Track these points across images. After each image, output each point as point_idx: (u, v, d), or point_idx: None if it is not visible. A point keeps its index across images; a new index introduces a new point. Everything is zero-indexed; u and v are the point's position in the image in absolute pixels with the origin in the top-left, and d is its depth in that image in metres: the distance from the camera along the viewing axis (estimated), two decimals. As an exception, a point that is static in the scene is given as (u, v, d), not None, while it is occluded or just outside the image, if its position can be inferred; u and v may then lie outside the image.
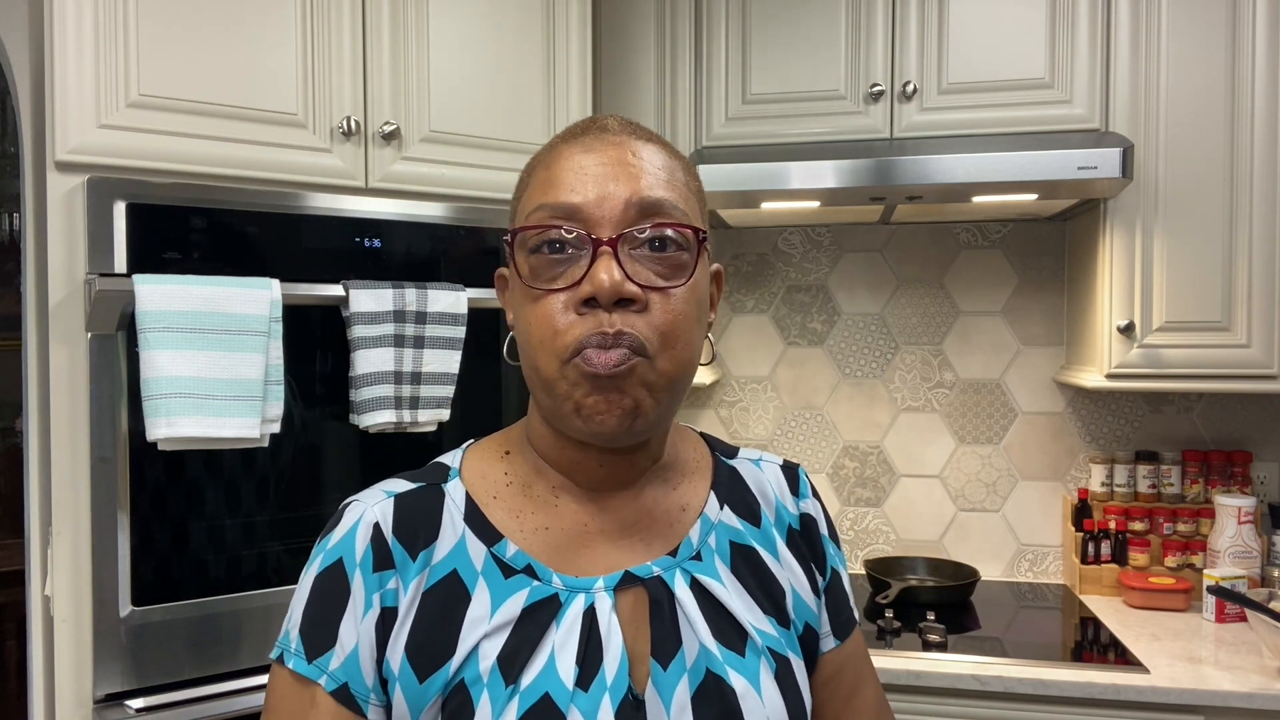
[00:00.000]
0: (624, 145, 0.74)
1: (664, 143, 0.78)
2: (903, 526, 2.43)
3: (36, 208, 1.45)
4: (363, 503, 0.77)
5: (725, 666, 0.75)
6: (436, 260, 1.67)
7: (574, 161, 0.73)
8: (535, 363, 0.73)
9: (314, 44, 1.57)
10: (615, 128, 0.76)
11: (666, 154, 0.76)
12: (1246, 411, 2.25)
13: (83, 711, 1.37)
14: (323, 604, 0.74)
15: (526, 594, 0.73)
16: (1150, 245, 1.96)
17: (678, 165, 0.76)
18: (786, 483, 0.88)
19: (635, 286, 0.70)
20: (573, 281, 0.71)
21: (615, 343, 0.69)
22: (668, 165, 0.75)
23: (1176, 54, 1.94)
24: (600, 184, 0.72)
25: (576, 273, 0.71)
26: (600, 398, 0.70)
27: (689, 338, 0.73)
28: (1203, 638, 1.93)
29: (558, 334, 0.70)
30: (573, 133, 0.76)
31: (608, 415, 0.70)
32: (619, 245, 0.70)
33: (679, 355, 0.72)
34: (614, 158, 0.73)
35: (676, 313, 0.72)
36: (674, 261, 0.72)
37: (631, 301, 0.70)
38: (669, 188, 0.73)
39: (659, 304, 0.71)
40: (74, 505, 1.37)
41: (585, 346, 0.69)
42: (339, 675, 0.72)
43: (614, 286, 0.69)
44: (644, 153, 0.74)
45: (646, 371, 0.70)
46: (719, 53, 2.16)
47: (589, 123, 0.77)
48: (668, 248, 0.72)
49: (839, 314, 2.46)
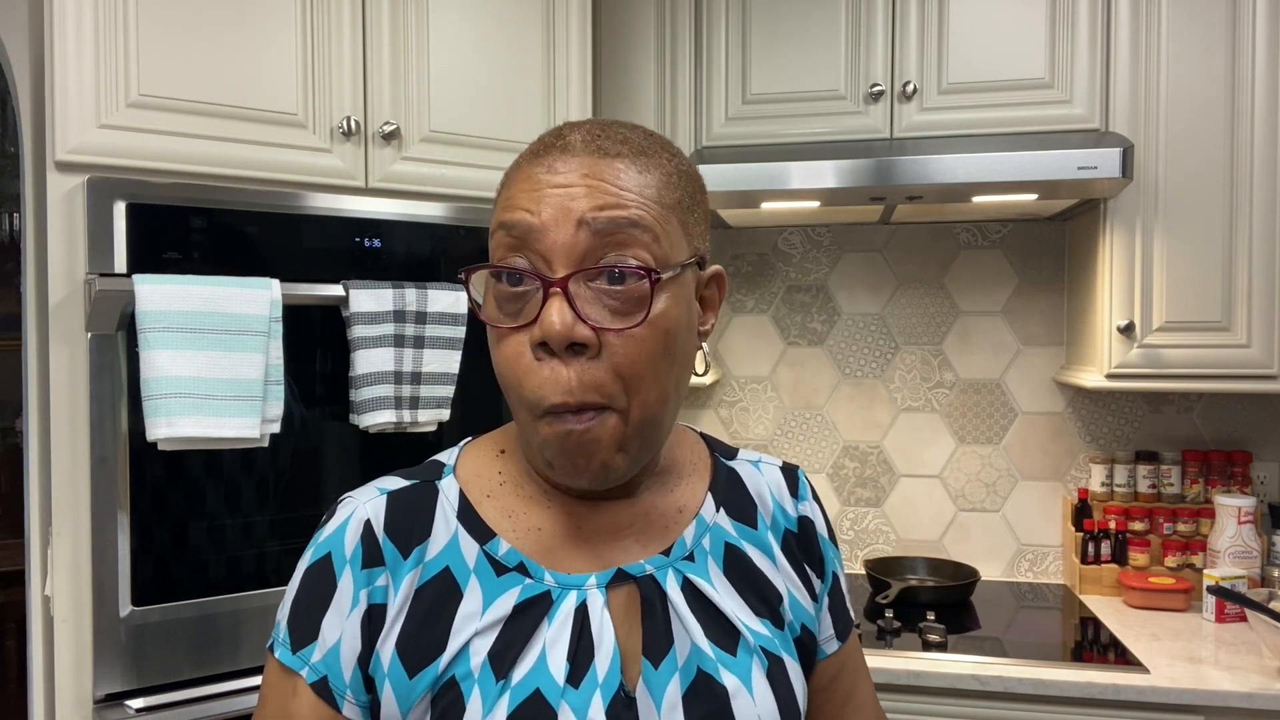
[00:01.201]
0: (585, 165, 0.70)
1: (640, 153, 0.72)
2: (903, 526, 2.43)
3: (36, 208, 1.45)
4: (356, 499, 0.77)
5: (717, 665, 0.75)
6: (436, 260, 1.68)
7: (531, 181, 0.70)
8: (510, 400, 0.73)
9: (314, 44, 1.57)
10: (579, 146, 0.71)
11: (638, 168, 0.71)
12: (1246, 411, 2.25)
13: (83, 711, 1.37)
14: (309, 597, 0.74)
15: (518, 591, 0.74)
16: (1150, 245, 1.96)
17: (653, 180, 0.71)
18: (786, 485, 0.87)
19: (587, 330, 0.68)
20: (529, 319, 0.69)
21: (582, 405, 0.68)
22: (637, 183, 0.70)
23: (1176, 54, 1.94)
24: (553, 203, 0.69)
25: (532, 310, 0.69)
26: (567, 461, 0.70)
27: (655, 377, 0.70)
28: (1203, 638, 1.93)
29: (521, 382, 0.70)
30: (535, 150, 0.73)
31: (577, 476, 0.71)
32: (569, 284, 0.68)
33: (646, 398, 0.70)
34: (573, 179, 0.69)
35: (635, 354, 0.69)
36: (632, 295, 0.68)
37: (585, 346, 0.68)
38: (634, 209, 0.69)
39: (617, 345, 0.68)
40: (74, 505, 1.37)
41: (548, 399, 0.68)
42: (319, 668, 0.73)
43: (564, 331, 0.67)
44: (608, 172, 0.70)
45: (616, 427, 0.70)
46: (719, 53, 2.16)
47: (554, 137, 0.73)
48: (625, 279, 0.68)
49: (839, 314, 2.46)
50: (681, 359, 0.73)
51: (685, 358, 0.74)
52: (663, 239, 0.70)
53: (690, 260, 0.73)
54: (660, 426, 0.73)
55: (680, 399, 0.75)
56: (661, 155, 0.74)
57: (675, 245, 0.72)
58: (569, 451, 0.70)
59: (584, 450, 0.69)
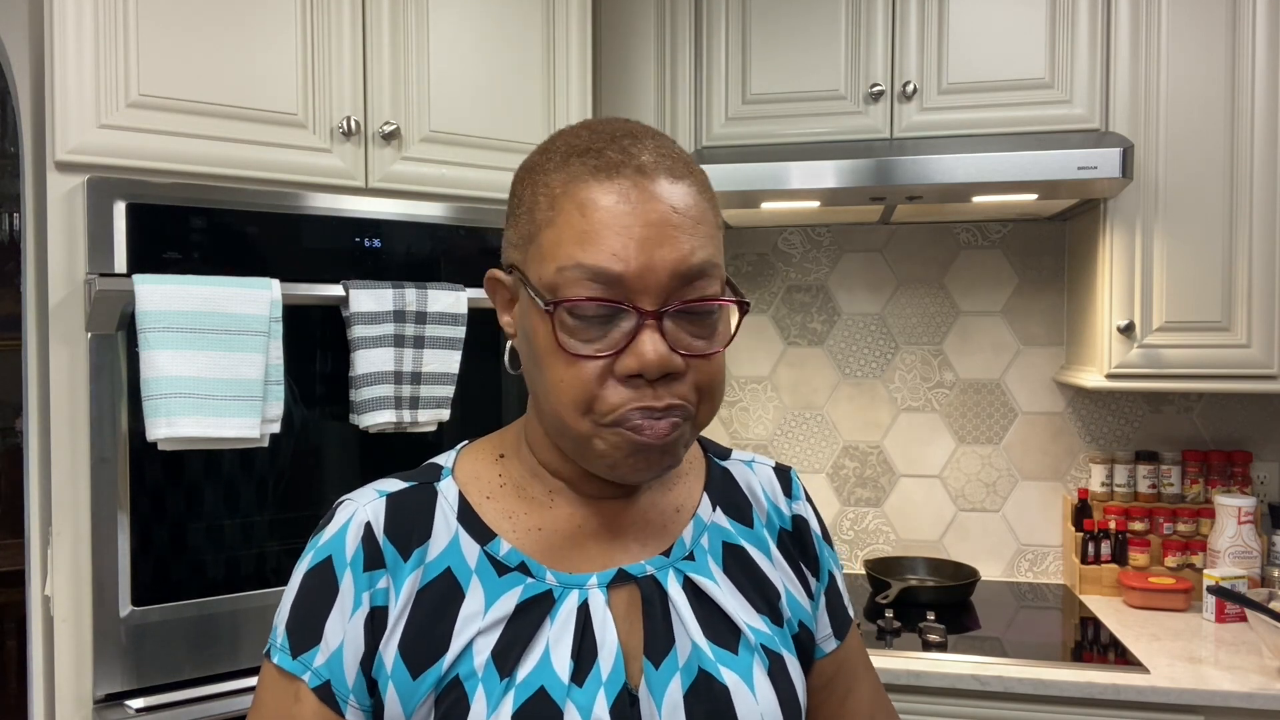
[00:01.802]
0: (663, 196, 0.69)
1: (690, 170, 0.73)
2: (903, 526, 2.43)
3: (36, 208, 1.45)
4: (355, 502, 0.77)
5: (717, 664, 0.75)
6: (436, 260, 1.67)
7: (613, 215, 0.68)
8: (562, 417, 0.71)
9: (314, 44, 1.57)
10: (650, 167, 0.70)
11: (696, 189, 0.72)
12: (1246, 411, 2.25)
13: (83, 711, 1.37)
14: (310, 601, 0.74)
15: (520, 590, 0.74)
16: (1150, 245, 1.96)
17: (705, 200, 0.72)
18: (779, 484, 0.88)
19: (680, 360, 0.70)
20: (613, 349, 0.69)
21: (665, 415, 0.70)
22: (699, 208, 0.71)
23: (1176, 54, 1.94)
24: (644, 249, 0.68)
25: (616, 338, 0.69)
26: (641, 459, 0.71)
27: (724, 388, 0.76)
28: (1203, 638, 1.93)
29: (598, 399, 0.69)
30: (602, 167, 0.70)
31: (646, 471, 0.72)
32: (662, 318, 0.69)
33: (715, 405, 0.74)
34: (657, 218, 0.68)
35: (715, 372, 0.72)
36: (714, 326, 0.72)
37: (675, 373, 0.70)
38: (708, 242, 0.71)
39: (700, 366, 0.71)
40: (74, 505, 1.37)
41: (630, 418, 0.69)
42: (322, 672, 0.73)
43: (661, 362, 0.68)
44: (682, 202, 0.70)
45: (689, 430, 0.72)
46: (719, 53, 2.16)
47: (620, 154, 0.70)
48: (711, 314, 0.71)
49: (839, 314, 2.46)
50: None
51: None
52: (720, 259, 0.73)
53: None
54: None
55: None
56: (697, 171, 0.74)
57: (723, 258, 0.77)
58: (646, 450, 0.70)
59: (667, 450, 0.71)
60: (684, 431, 0.72)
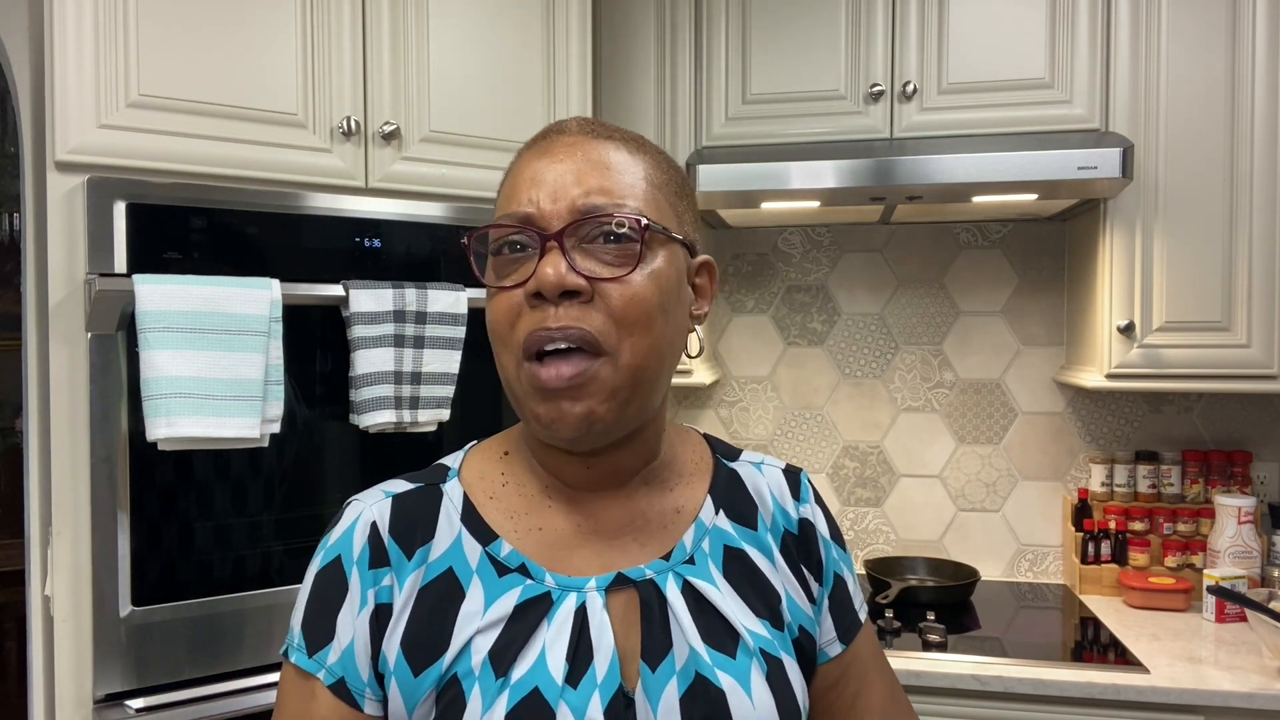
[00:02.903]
0: (579, 145, 0.75)
1: (630, 140, 0.78)
2: (903, 526, 2.44)
3: (36, 208, 1.45)
4: (362, 502, 0.79)
5: (714, 669, 0.75)
6: (436, 260, 1.68)
7: (530, 168, 0.75)
8: (500, 360, 0.75)
9: (314, 44, 1.57)
10: (574, 129, 0.77)
11: (628, 150, 0.76)
12: (1246, 411, 2.25)
13: (83, 711, 1.37)
14: (323, 600, 0.76)
15: (519, 592, 0.75)
16: (1150, 245, 1.96)
17: (642, 161, 0.76)
18: (788, 487, 0.87)
19: (579, 278, 0.71)
20: (524, 278, 0.72)
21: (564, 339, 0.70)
22: (627, 162, 0.75)
23: (1176, 54, 1.94)
24: (552, 185, 0.73)
25: (528, 269, 0.72)
26: (551, 406, 0.71)
27: (648, 325, 0.72)
28: (1203, 638, 1.93)
29: (511, 329, 0.73)
30: (535, 139, 0.78)
31: (561, 424, 0.72)
32: (564, 239, 0.71)
33: (639, 344, 0.72)
34: (567, 157, 0.74)
35: (632, 298, 0.71)
36: (626, 252, 0.72)
37: (577, 294, 0.71)
38: (625, 183, 0.74)
39: (614, 292, 0.71)
40: (74, 505, 1.37)
41: (532, 345, 0.71)
42: (336, 670, 0.74)
43: (557, 279, 0.70)
44: (598, 151, 0.75)
45: (607, 373, 0.71)
46: (719, 53, 2.16)
47: (550, 127, 0.78)
48: (621, 240, 0.72)
49: (839, 314, 2.46)
50: (674, 325, 0.75)
51: (678, 326, 0.76)
52: (653, 214, 0.74)
53: (679, 238, 0.76)
54: (650, 386, 0.74)
55: (671, 367, 0.77)
56: (650, 147, 0.79)
57: (665, 220, 0.76)
58: (551, 397, 0.71)
59: (571, 393, 0.71)
60: (597, 373, 0.71)
